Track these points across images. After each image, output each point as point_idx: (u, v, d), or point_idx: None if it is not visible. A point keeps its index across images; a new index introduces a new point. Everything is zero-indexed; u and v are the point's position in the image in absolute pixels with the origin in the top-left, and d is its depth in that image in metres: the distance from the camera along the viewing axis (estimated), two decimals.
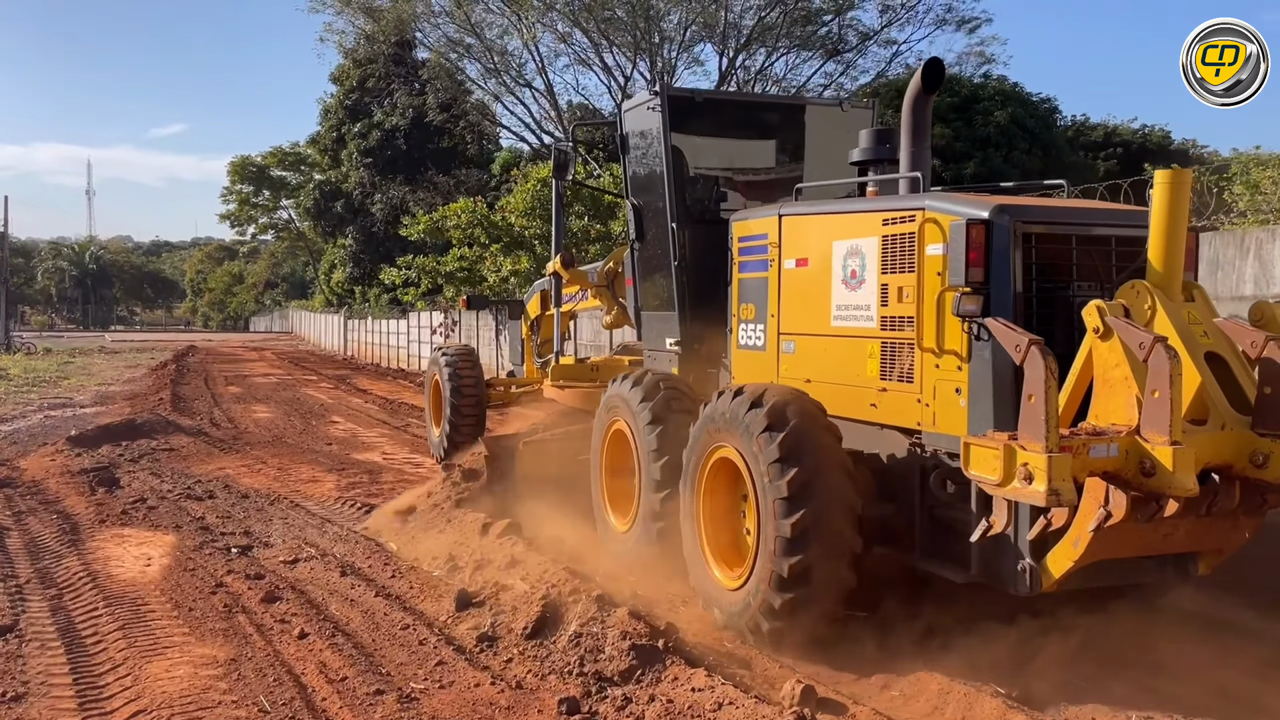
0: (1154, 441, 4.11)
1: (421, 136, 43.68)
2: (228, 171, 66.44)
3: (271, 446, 14.26)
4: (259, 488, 10.96)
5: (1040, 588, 4.70)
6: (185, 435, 14.88)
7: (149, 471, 11.99)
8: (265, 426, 16.87)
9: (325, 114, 48.38)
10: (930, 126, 6.23)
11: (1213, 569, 5.00)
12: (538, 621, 5.36)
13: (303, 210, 54.39)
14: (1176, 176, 4.58)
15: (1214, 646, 5.15)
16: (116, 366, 33.90)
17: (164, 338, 68.16)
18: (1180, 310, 4.59)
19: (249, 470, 12.16)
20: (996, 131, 31.83)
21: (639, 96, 8.13)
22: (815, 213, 6.33)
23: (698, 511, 6.04)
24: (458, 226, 25.62)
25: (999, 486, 4.24)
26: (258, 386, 26.20)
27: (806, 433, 5.30)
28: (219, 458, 13.17)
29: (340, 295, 54.54)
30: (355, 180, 45.59)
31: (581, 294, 9.99)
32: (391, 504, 9.48)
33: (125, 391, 23.93)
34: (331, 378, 30.05)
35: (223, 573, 7.29)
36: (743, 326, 6.86)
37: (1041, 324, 4.91)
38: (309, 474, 11.93)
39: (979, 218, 4.87)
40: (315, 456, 13.31)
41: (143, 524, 9.14)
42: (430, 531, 8.11)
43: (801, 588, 5.18)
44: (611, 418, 7.39)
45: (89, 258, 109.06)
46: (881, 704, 4.77)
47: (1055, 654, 5.06)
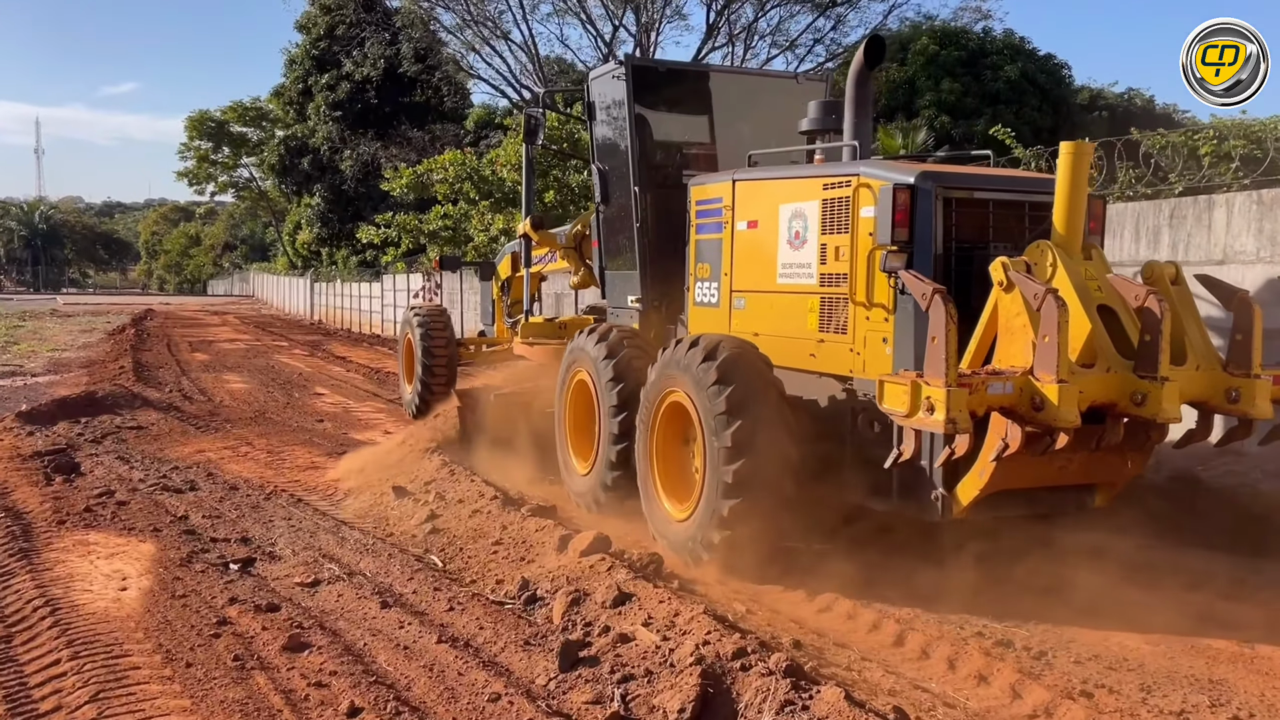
0: (1043, 380, 4.61)
1: (394, 89, 41.34)
2: (185, 127, 63.34)
3: (255, 424, 12.48)
4: (249, 476, 9.24)
5: (951, 514, 5.27)
6: (154, 410, 13.03)
7: (115, 455, 10.21)
8: (243, 400, 15.04)
9: (290, 65, 45.73)
10: (872, 100, 6.79)
11: (1109, 501, 5.59)
12: (697, 706, 3.77)
13: (266, 167, 51.68)
14: (1078, 148, 5.12)
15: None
16: (70, 331, 31.64)
17: (119, 301, 65.24)
18: (1079, 267, 5.12)
19: (234, 454, 10.42)
20: (1007, 87, 30.52)
21: (606, 66, 8.55)
22: (765, 178, 6.76)
23: (651, 450, 6.56)
24: (444, 181, 23.70)
25: (906, 418, 4.74)
26: (226, 353, 24.22)
27: (752, 391, 5.75)
28: (196, 438, 11.39)
29: (306, 257, 52.17)
30: (323, 135, 43.11)
31: (550, 255, 10.24)
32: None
33: (81, 359, 21.89)
34: (303, 344, 28.11)
35: (224, 601, 5.60)
36: (699, 285, 7.31)
37: (960, 280, 5.42)
38: (306, 459, 10.20)
39: (905, 183, 5.40)
40: (309, 437, 11.56)
41: (112, 526, 7.42)
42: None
43: (739, 527, 5.69)
44: (574, 369, 7.79)
45: (39, 217, 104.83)
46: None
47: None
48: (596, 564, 5.34)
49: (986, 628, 5.14)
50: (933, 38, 35.65)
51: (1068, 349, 4.65)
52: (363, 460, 9.75)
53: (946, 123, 30.32)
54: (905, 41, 36.21)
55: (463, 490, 7.59)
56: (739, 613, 5.23)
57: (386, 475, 8.78)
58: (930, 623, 5.21)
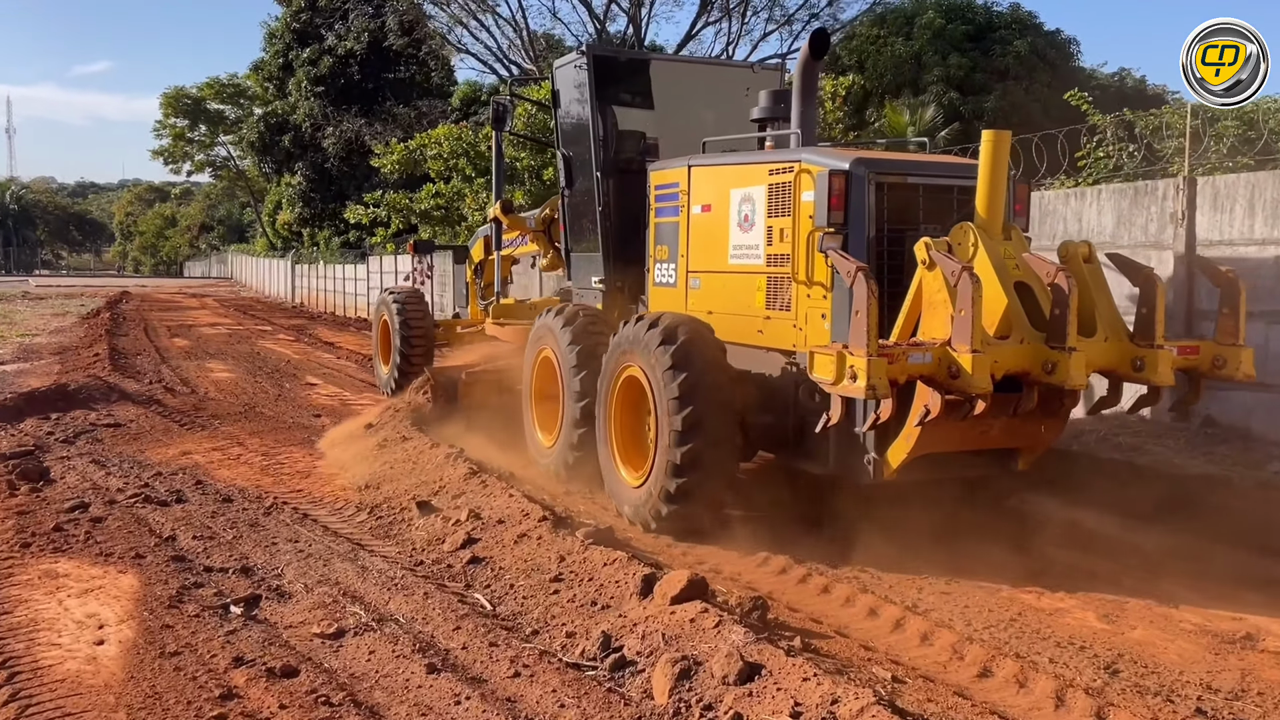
0: (959, 350, 4.98)
1: (379, 64, 39.86)
2: (160, 104, 61.41)
3: (245, 419, 11.29)
4: (244, 485, 8.08)
5: (882, 476, 5.62)
6: (133, 404, 11.80)
7: (90, 458, 9.03)
8: (230, 391, 13.82)
9: (270, 38, 44.10)
10: (817, 89, 7.24)
11: (1030, 464, 5.99)
12: None
13: (245, 145, 49.97)
14: (998, 137, 5.43)
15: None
16: (42, 315, 30.18)
17: (93, 283, 63.38)
18: (998, 247, 5.44)
19: (224, 456, 9.25)
20: (1016, 62, 29.53)
21: (569, 56, 8.83)
22: (717, 164, 7.03)
23: (609, 421, 6.93)
24: (438, 157, 22.45)
25: (833, 385, 5.11)
26: (208, 339, 22.92)
27: (694, 345, 6.22)
28: (181, 437, 10.20)
29: (286, 238, 50.63)
30: (305, 112, 41.54)
31: (521, 239, 10.42)
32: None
33: (53, 344, 20.55)
34: (288, 328, 26.82)
35: (227, 661, 4.47)
36: (658, 266, 7.58)
37: (892, 259, 5.72)
38: (306, 462, 9.04)
39: (840, 169, 5.72)
40: (307, 435, 10.38)
41: (87, 550, 6.27)
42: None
43: (691, 473, 6.08)
44: (540, 347, 8.12)
45: (10, 197, 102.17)
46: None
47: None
48: (699, 618, 4.24)
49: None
50: (939, 11, 34.63)
51: (981, 322, 4.99)
52: (361, 455, 8.81)
53: (955, 99, 29.30)
54: (910, 15, 35.14)
55: (500, 507, 6.47)
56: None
57: (402, 481, 7.67)
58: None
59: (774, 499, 6.76)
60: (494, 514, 6.36)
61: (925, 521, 6.01)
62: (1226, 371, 5.79)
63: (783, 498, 6.75)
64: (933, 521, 6.03)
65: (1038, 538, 6.26)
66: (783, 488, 6.82)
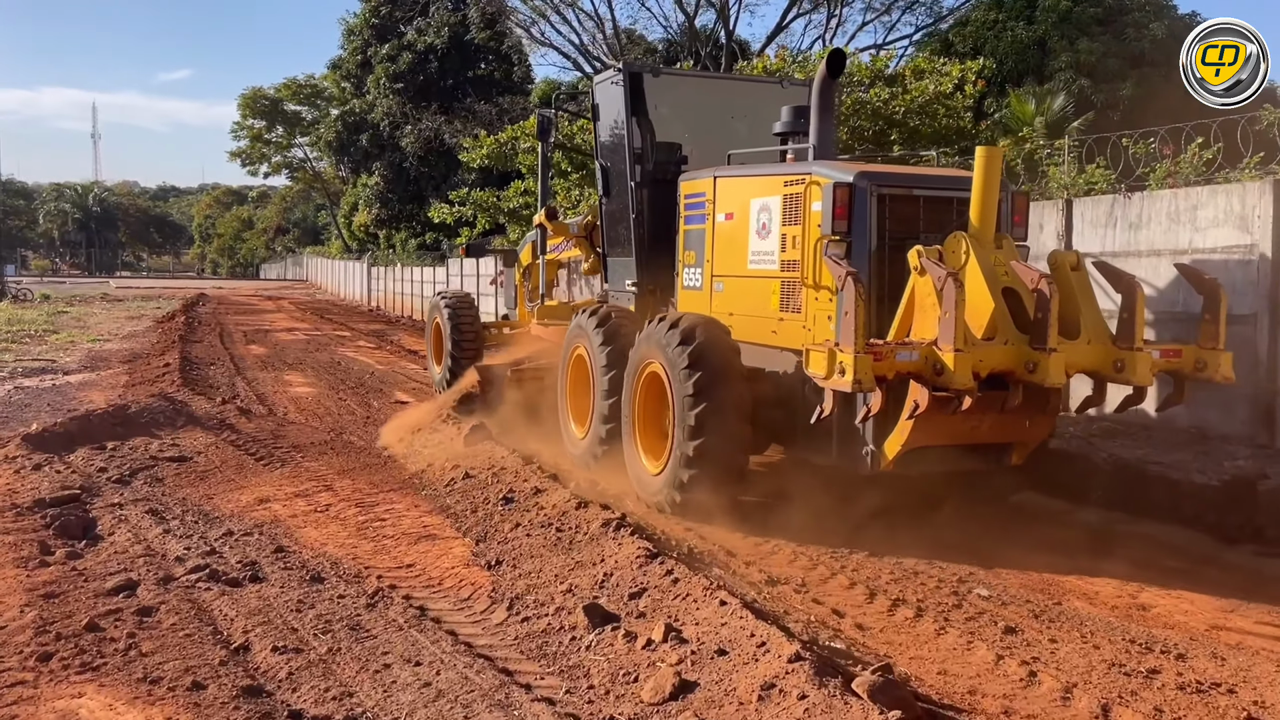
0: (943, 349, 5.35)
1: (460, 59, 38.42)
2: (238, 105, 61.14)
3: (331, 451, 9.45)
4: (338, 554, 6.18)
5: (880, 467, 6.10)
6: (202, 430, 10.07)
7: (146, 506, 7.26)
8: (311, 411, 12.08)
9: (349, 35, 43.05)
10: (835, 105, 7.81)
11: (1023, 458, 6.41)
12: None
13: (323, 144, 49.00)
14: (990, 153, 5.84)
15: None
16: (117, 318, 29.21)
17: (172, 285, 63.44)
18: (989, 255, 5.82)
19: (309, 505, 7.39)
20: (1153, 47, 26.87)
21: (606, 72, 9.28)
22: (740, 175, 7.55)
23: (633, 416, 7.47)
24: (531, 150, 20.62)
25: (825, 380, 5.55)
26: (285, 346, 21.43)
27: (709, 345, 6.74)
28: (256, 475, 8.39)
29: (362, 240, 49.59)
30: (383, 110, 40.30)
31: (565, 244, 10.75)
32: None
33: (124, 351, 19.24)
34: (367, 334, 25.32)
35: None
36: (686, 270, 8.11)
37: (893, 265, 6.08)
38: (414, 519, 7.11)
39: (845, 181, 6.17)
40: (404, 473, 8.50)
41: (124, 672, 4.40)
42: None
43: (702, 464, 6.63)
44: (574, 345, 8.68)
45: (92, 200, 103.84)
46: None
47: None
48: None
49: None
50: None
51: (964, 323, 5.40)
52: (482, 512, 6.91)
53: (1086, 86, 26.79)
54: None
55: (711, 622, 4.40)
56: None
57: (549, 560, 5.69)
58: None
59: (780, 488, 7.28)
60: (704, 636, 4.30)
61: (907, 511, 6.71)
62: (1207, 373, 6.07)
63: (794, 487, 7.05)
64: (913, 509, 6.76)
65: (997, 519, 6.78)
66: (795, 478, 7.22)
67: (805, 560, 6.12)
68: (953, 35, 32.09)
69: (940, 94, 17.25)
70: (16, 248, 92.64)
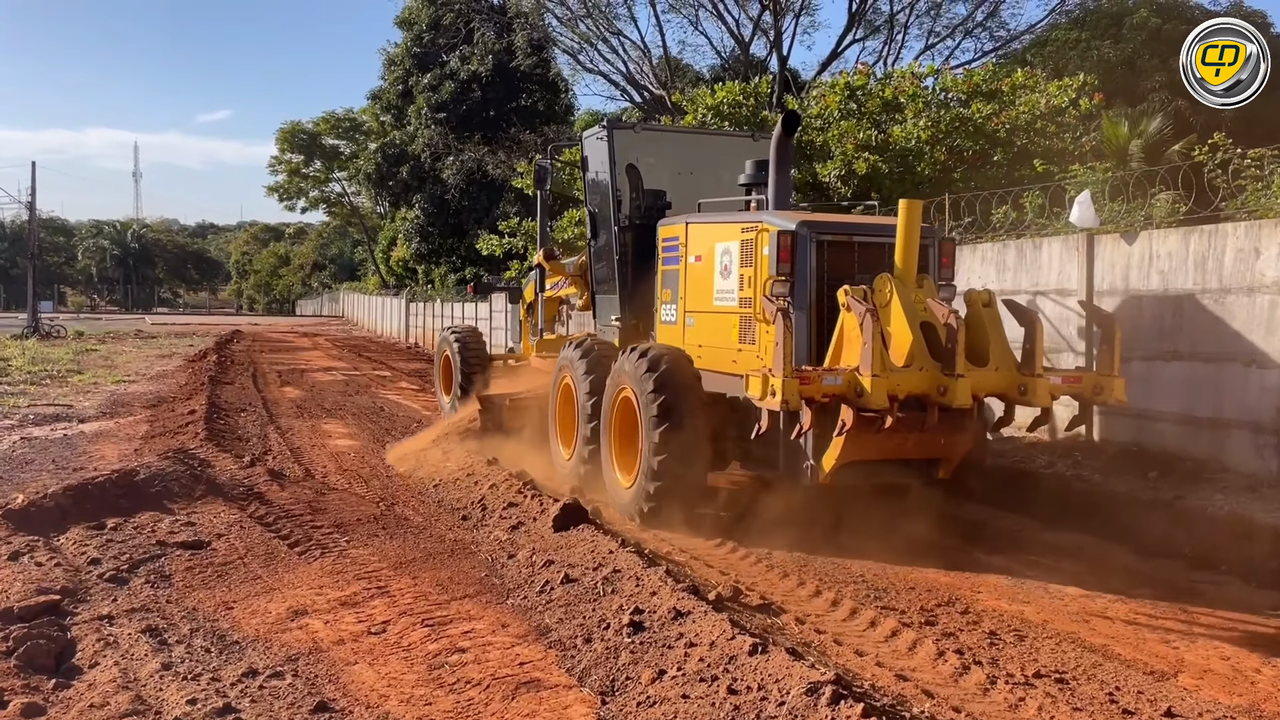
0: (863, 375, 6.16)
1: (505, 88, 37.11)
2: (276, 140, 60.53)
3: (383, 531, 7.54)
4: (402, 715, 4.28)
5: (818, 480, 6.86)
6: (223, 503, 8.19)
7: (143, 623, 5.39)
8: (354, 473, 10.19)
9: (389, 65, 41.84)
10: (791, 160, 8.32)
11: (949, 473, 7.15)
12: None
13: (362, 177, 47.79)
14: (911, 205, 6.67)
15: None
16: (147, 356, 27.85)
17: (208, 321, 62.69)
18: (910, 294, 6.62)
19: (359, 623, 5.47)
20: None
21: (593, 129, 10.07)
22: (707, 222, 8.26)
23: (609, 436, 8.39)
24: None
25: (760, 400, 6.38)
26: (322, 388, 19.77)
27: (672, 374, 7.64)
28: (289, 572, 6.47)
29: (400, 275, 48.24)
30: (424, 141, 39.02)
31: (563, 282, 11.58)
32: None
33: (149, 394, 17.61)
34: (408, 374, 23.63)
35: None
36: (664, 307, 8.79)
37: (830, 303, 6.86)
38: (502, 650, 5.15)
39: (788, 229, 7.04)
40: (483, 564, 6.60)
41: None
42: None
43: (665, 479, 7.52)
44: (562, 374, 9.53)
45: (131, 236, 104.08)
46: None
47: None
48: None
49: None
50: (1152, 10, 30.04)
51: (882, 352, 6.21)
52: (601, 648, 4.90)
53: (1184, 108, 24.74)
54: (1118, 16, 30.66)
55: None
56: None
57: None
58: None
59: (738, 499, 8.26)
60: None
61: (830, 518, 7.54)
62: (1103, 397, 6.86)
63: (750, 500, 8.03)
64: (838, 517, 7.54)
65: (919, 526, 7.32)
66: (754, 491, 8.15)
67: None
68: (1030, 55, 30.18)
69: (1055, 109, 15.33)
70: (54, 284, 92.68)
